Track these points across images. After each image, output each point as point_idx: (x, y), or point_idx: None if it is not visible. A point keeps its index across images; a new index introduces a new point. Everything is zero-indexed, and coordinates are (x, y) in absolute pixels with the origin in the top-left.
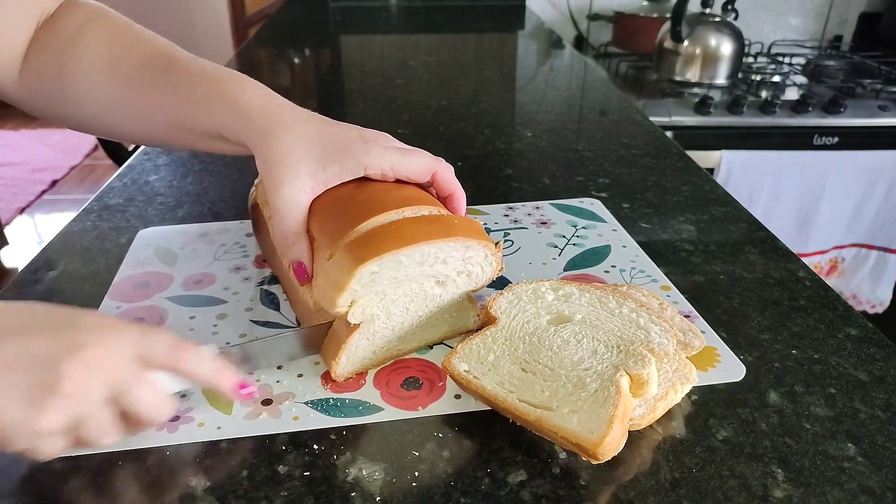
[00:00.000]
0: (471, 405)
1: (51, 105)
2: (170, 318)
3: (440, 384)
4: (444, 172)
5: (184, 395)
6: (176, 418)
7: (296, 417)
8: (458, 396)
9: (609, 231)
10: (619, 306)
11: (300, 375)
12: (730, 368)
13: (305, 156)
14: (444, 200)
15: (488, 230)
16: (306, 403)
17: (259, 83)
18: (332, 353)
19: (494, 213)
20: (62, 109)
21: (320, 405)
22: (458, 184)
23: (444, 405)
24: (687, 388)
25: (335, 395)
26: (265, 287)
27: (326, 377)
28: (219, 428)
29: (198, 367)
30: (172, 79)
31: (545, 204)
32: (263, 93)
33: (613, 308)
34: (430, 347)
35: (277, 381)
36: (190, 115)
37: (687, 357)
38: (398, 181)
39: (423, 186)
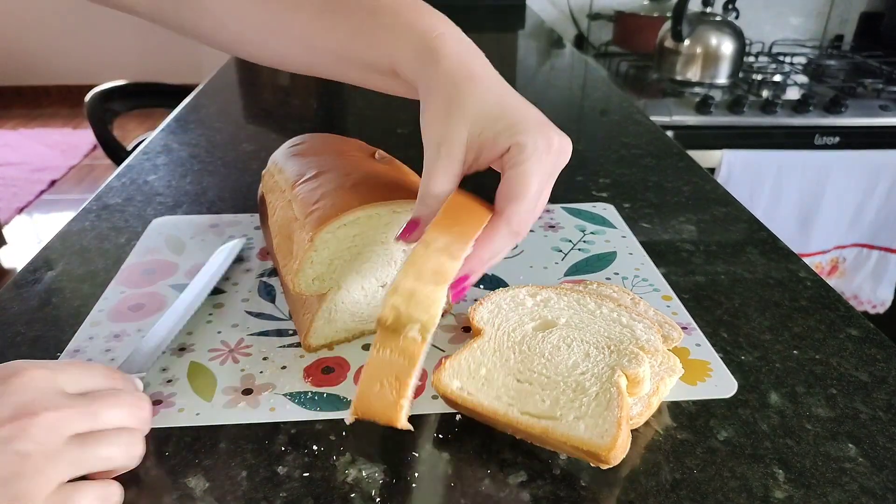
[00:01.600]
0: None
1: (186, 18)
2: (169, 305)
3: (420, 384)
4: (504, 243)
5: (170, 380)
6: (158, 402)
7: (273, 408)
8: (435, 397)
9: (618, 237)
10: (598, 307)
11: (283, 367)
12: (720, 384)
13: (471, 112)
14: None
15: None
16: (285, 395)
17: (449, 20)
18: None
19: None
20: (201, 24)
21: (298, 398)
22: (485, 265)
23: (420, 405)
24: (674, 380)
25: (314, 389)
26: (265, 279)
27: (308, 370)
28: (197, 414)
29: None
30: (343, 4)
31: (556, 207)
32: (457, 34)
33: (593, 309)
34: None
35: (261, 372)
36: (362, 45)
37: (668, 350)
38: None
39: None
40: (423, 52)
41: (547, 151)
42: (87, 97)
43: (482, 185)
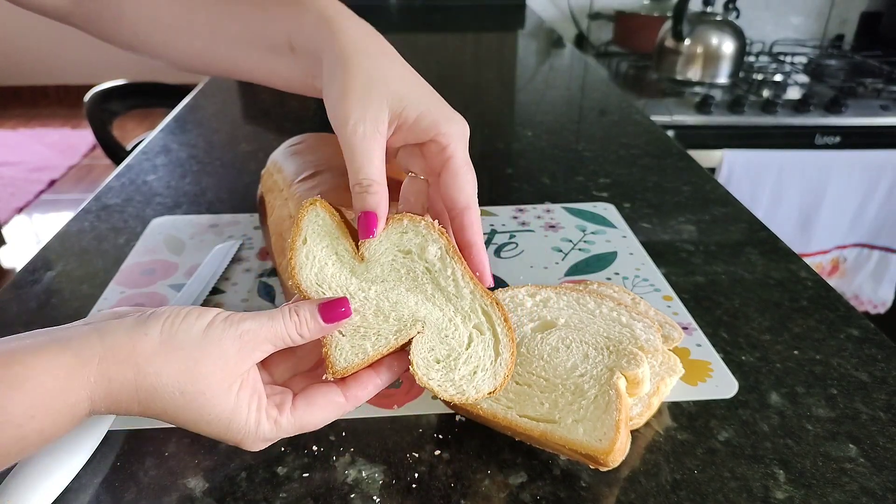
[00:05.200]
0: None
1: (106, 24)
2: (168, 305)
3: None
4: (474, 215)
5: None
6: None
7: None
8: (435, 397)
9: (618, 237)
10: (598, 306)
11: None
12: (720, 384)
13: (390, 88)
14: (463, 249)
15: (494, 232)
16: None
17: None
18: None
19: (503, 214)
20: (118, 28)
21: None
22: (481, 235)
23: (420, 405)
24: (675, 380)
25: None
26: (264, 279)
27: None
28: None
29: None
30: None
31: (557, 207)
32: (351, 13)
33: (593, 308)
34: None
35: None
36: (260, 24)
37: (669, 350)
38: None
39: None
40: (321, 22)
41: (464, 138)
42: (87, 97)
43: (482, 185)
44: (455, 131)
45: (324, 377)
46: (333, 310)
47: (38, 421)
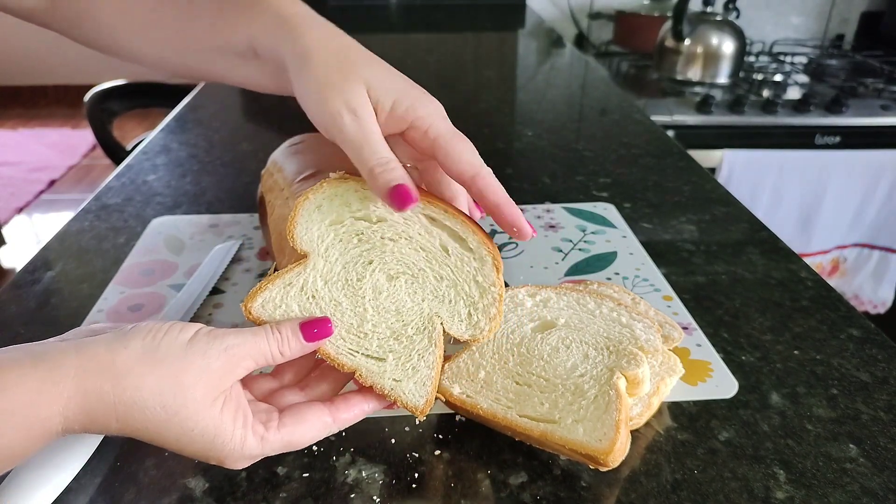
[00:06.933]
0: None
1: (82, 29)
2: (168, 305)
3: None
4: (488, 177)
5: None
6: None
7: None
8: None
9: (618, 237)
10: (598, 306)
11: None
12: (721, 384)
13: (363, 76)
14: (492, 212)
15: (493, 232)
16: None
17: (303, 3)
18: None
19: None
20: (92, 33)
21: None
22: (504, 191)
23: None
24: (675, 380)
25: None
26: None
27: None
28: None
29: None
30: None
31: (556, 207)
32: (311, 11)
33: (593, 309)
34: None
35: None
36: (223, 29)
37: (669, 350)
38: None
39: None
40: (278, 24)
41: (442, 115)
42: (86, 97)
43: None
44: (431, 111)
45: (416, 421)
46: (314, 328)
47: (6, 437)
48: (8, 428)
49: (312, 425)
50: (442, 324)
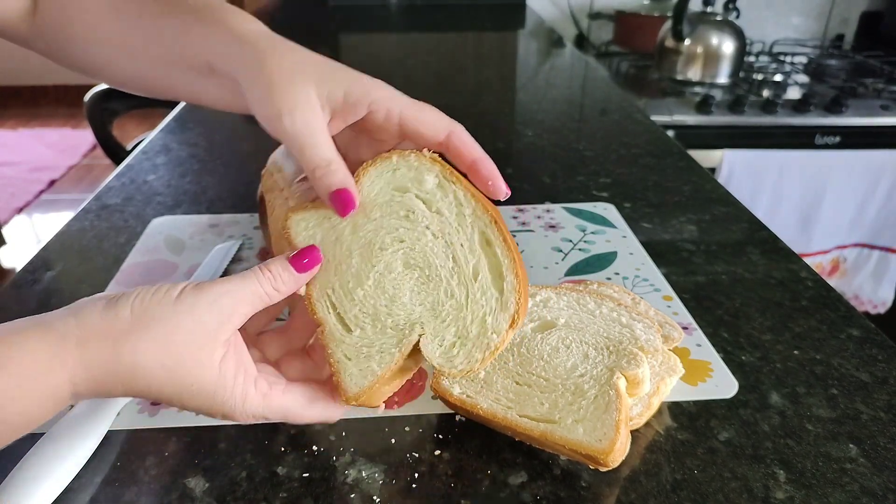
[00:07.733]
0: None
1: (60, 47)
2: None
3: (419, 384)
4: (462, 134)
5: None
6: (157, 402)
7: None
8: (435, 397)
9: (618, 237)
10: (598, 306)
11: None
12: (721, 384)
13: (312, 76)
14: (468, 170)
15: None
16: None
17: (256, 19)
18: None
19: (503, 213)
20: (69, 51)
21: None
22: (479, 147)
23: (420, 405)
24: (675, 380)
25: None
26: None
27: None
28: (198, 414)
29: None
30: (175, 9)
31: (557, 207)
32: (266, 28)
33: (593, 309)
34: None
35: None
36: (181, 45)
37: (669, 350)
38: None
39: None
40: (230, 40)
41: (398, 95)
42: (87, 97)
43: None
44: (387, 93)
45: (339, 404)
46: (304, 258)
47: (20, 403)
48: (24, 392)
49: (315, 402)
50: (420, 336)
